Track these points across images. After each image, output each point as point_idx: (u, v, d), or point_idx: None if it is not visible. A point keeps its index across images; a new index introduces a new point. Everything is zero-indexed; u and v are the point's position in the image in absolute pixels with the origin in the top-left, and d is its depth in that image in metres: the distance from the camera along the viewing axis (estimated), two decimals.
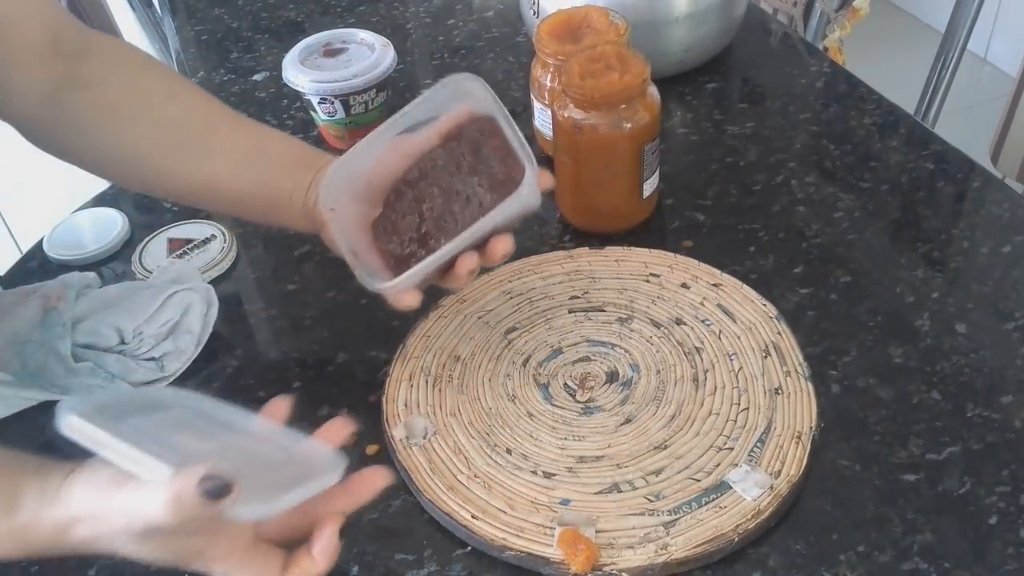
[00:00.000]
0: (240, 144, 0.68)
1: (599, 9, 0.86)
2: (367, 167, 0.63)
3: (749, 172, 0.89)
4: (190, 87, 0.71)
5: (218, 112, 0.69)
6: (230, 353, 0.77)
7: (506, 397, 0.70)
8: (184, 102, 0.69)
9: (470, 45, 1.13)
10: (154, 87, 0.69)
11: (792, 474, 0.62)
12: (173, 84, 0.70)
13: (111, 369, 0.72)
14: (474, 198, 0.60)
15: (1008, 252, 0.79)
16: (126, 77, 0.69)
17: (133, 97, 0.68)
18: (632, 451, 0.65)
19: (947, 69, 1.55)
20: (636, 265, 0.79)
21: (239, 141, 0.68)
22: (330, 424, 0.55)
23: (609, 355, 0.72)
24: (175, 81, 0.71)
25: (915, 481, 0.63)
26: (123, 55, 0.70)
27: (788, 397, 0.67)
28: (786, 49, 1.11)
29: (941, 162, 0.89)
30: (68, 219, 0.91)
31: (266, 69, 1.11)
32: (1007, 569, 0.58)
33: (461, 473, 0.65)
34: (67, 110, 0.67)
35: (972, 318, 0.73)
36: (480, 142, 0.61)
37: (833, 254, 0.80)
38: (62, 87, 0.66)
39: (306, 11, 1.22)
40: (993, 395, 0.67)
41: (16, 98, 0.66)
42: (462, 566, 0.61)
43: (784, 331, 0.72)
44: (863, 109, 0.96)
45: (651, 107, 0.78)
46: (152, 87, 0.69)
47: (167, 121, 0.68)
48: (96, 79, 0.67)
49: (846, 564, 0.59)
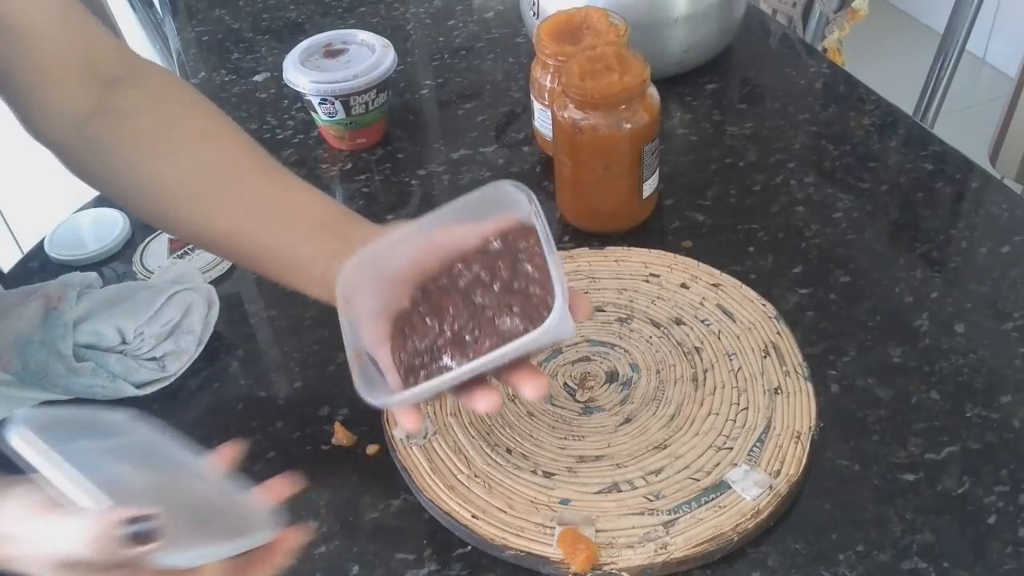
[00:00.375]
0: (267, 198, 0.63)
1: (599, 10, 0.87)
2: (398, 263, 0.56)
3: (748, 172, 0.89)
4: (228, 129, 0.66)
5: (252, 160, 0.65)
6: (231, 353, 0.78)
7: (506, 397, 0.70)
8: (217, 145, 0.64)
9: (470, 46, 1.13)
10: (188, 125, 0.65)
11: (791, 474, 0.62)
12: (210, 124, 0.65)
13: (112, 369, 0.72)
14: (502, 319, 0.52)
15: (1007, 252, 0.79)
16: (161, 111, 0.65)
17: (164, 134, 0.64)
18: (632, 451, 0.65)
19: (946, 70, 1.56)
20: (636, 265, 0.79)
21: (267, 195, 0.63)
22: (276, 480, 0.52)
23: (609, 355, 0.72)
24: (213, 121, 0.66)
25: (914, 481, 0.63)
26: (162, 87, 0.67)
27: (787, 397, 0.67)
28: (785, 50, 1.11)
29: (940, 162, 0.89)
30: (69, 219, 0.91)
31: (267, 70, 1.11)
32: (1006, 568, 0.58)
33: (461, 473, 0.65)
34: (96, 139, 0.64)
35: (971, 318, 0.73)
36: (521, 257, 0.53)
37: (832, 254, 0.80)
38: (94, 115, 0.64)
39: (307, 12, 1.23)
40: (992, 395, 0.68)
41: (50, 121, 0.64)
42: (462, 566, 0.61)
43: (783, 331, 0.72)
44: (862, 110, 0.97)
45: (651, 108, 0.78)
46: (186, 125, 0.65)
47: (195, 164, 0.64)
48: (129, 109, 0.64)
49: (845, 563, 0.59)
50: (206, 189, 0.63)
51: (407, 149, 0.97)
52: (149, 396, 0.73)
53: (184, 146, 0.64)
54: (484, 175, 0.92)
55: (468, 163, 0.94)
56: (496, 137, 0.98)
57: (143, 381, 0.73)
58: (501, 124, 1.00)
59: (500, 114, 1.01)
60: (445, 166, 0.95)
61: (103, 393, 0.71)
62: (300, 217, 0.62)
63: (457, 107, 1.03)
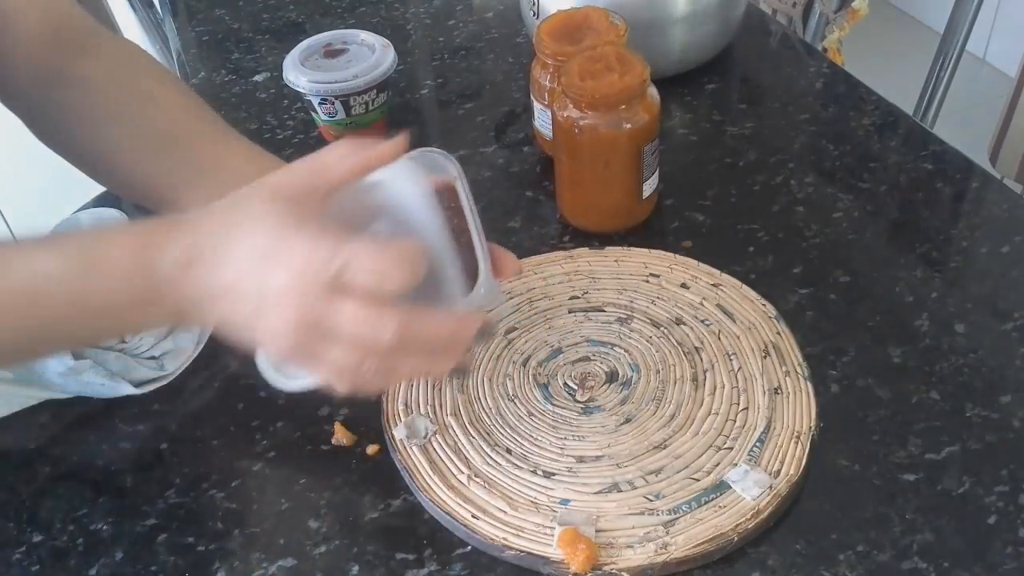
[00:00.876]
0: (205, 157, 0.67)
1: (599, 10, 0.87)
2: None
3: (748, 172, 0.89)
4: (177, 95, 0.70)
5: (193, 122, 0.68)
6: (231, 353, 0.77)
7: (506, 397, 0.70)
8: (163, 109, 0.68)
9: (470, 46, 1.13)
10: (137, 91, 0.68)
11: (791, 474, 0.62)
12: (159, 90, 0.69)
13: (111, 367, 0.72)
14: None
15: (1007, 252, 0.79)
16: (114, 78, 0.68)
17: (114, 99, 0.68)
18: (632, 451, 0.65)
19: (946, 69, 1.56)
20: (636, 265, 0.79)
21: (205, 154, 0.67)
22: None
23: (609, 355, 0.72)
24: (163, 87, 0.70)
25: (914, 481, 0.63)
26: (121, 56, 0.70)
27: (787, 397, 0.67)
28: (785, 50, 1.11)
29: (940, 162, 0.89)
30: (68, 219, 0.91)
31: (267, 70, 1.11)
32: (1006, 568, 0.58)
33: (461, 473, 0.65)
34: (54, 104, 0.67)
35: (971, 318, 0.73)
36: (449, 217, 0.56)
37: (832, 254, 0.80)
38: (54, 80, 0.66)
39: (307, 12, 1.22)
40: (992, 395, 0.68)
41: (12, 84, 0.66)
42: (462, 566, 0.61)
43: (783, 331, 0.72)
44: (862, 110, 0.97)
45: (651, 107, 0.78)
46: (135, 91, 0.68)
47: (139, 127, 0.67)
48: (85, 77, 0.67)
49: (845, 563, 0.59)
50: (148, 149, 0.67)
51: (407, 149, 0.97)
52: (148, 395, 0.73)
53: (132, 111, 0.67)
54: (484, 175, 0.92)
55: (468, 163, 0.94)
56: (496, 137, 0.98)
57: (142, 380, 0.73)
58: (501, 124, 1.00)
59: (500, 114, 1.01)
60: None
61: (101, 391, 0.71)
62: (233, 175, 0.64)
63: (457, 107, 1.03)
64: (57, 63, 0.67)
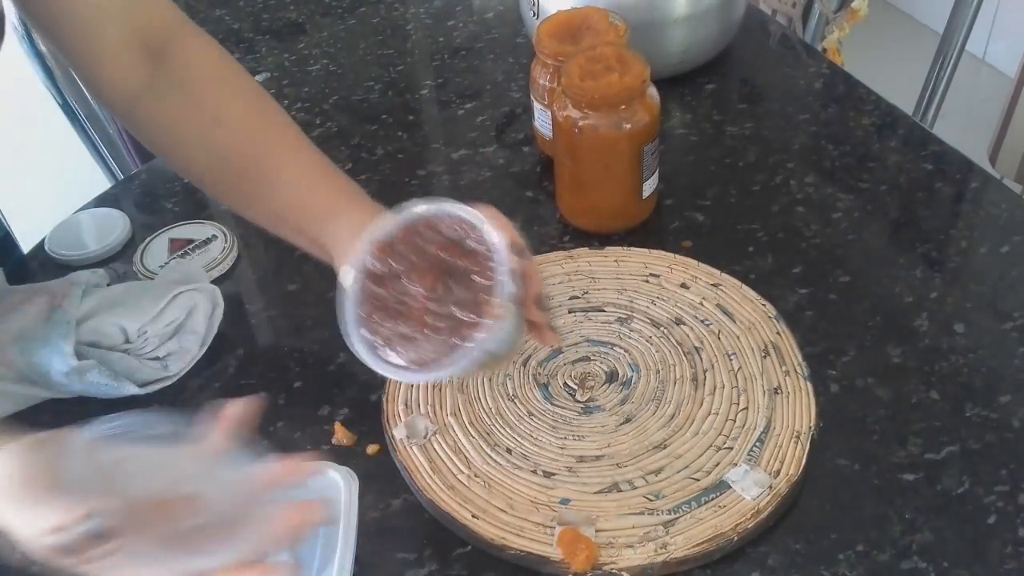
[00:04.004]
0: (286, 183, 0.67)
1: (599, 10, 0.87)
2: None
3: (748, 172, 0.89)
4: (242, 110, 0.68)
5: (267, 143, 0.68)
6: (231, 353, 0.78)
7: (506, 397, 0.70)
8: (230, 129, 0.67)
9: (470, 46, 1.13)
10: (204, 109, 0.67)
11: (791, 473, 0.62)
12: (222, 108, 0.67)
13: (115, 367, 0.72)
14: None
15: (1006, 252, 0.79)
16: (187, 94, 0.67)
17: (186, 117, 0.68)
18: (632, 451, 0.65)
19: (945, 70, 1.56)
20: (636, 265, 0.79)
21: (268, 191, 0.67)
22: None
23: (609, 355, 0.72)
24: (234, 102, 0.68)
25: (914, 480, 0.63)
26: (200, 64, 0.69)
27: (787, 397, 0.67)
28: (785, 50, 1.11)
29: (939, 162, 0.89)
30: (69, 219, 0.91)
31: (267, 70, 1.11)
32: (1006, 568, 0.58)
33: (461, 473, 0.65)
34: (143, 118, 0.68)
35: (970, 318, 0.73)
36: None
37: (832, 254, 0.80)
38: (144, 92, 0.67)
39: (307, 12, 1.23)
40: (991, 395, 0.68)
41: (107, 95, 0.67)
42: (462, 565, 0.61)
43: (783, 331, 0.72)
44: (862, 110, 0.97)
45: (651, 108, 0.78)
46: (203, 109, 0.67)
47: (208, 154, 0.68)
48: (164, 91, 0.67)
49: (845, 563, 0.59)
50: (218, 180, 0.69)
51: (407, 149, 0.97)
52: (151, 395, 0.73)
53: (203, 129, 0.67)
54: (484, 175, 0.92)
55: (468, 163, 0.94)
56: (496, 137, 0.98)
57: (145, 380, 0.73)
58: (501, 124, 1.00)
59: (500, 114, 1.01)
60: (445, 166, 0.95)
61: (105, 391, 0.71)
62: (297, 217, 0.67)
63: (457, 107, 1.03)
64: (145, 72, 0.66)
